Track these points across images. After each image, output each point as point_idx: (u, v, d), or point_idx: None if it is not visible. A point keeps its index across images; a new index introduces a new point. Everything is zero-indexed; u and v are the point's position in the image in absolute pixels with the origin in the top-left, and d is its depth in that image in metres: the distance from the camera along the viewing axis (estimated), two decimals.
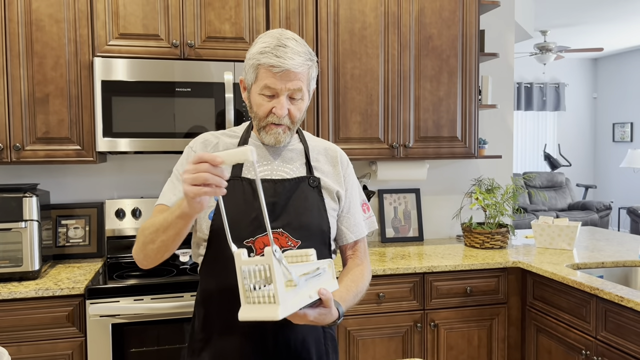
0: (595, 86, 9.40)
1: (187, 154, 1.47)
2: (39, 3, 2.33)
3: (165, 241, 1.25)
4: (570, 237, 2.79)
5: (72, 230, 2.66)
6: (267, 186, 1.38)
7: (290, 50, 1.33)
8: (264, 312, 1.09)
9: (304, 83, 1.36)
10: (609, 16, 6.42)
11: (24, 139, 2.35)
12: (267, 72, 1.33)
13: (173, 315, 2.17)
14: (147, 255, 1.31)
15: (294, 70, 1.33)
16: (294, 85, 1.34)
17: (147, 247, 1.29)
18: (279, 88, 1.33)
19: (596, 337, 2.13)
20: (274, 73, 1.32)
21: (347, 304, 1.36)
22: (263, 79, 1.34)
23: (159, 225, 1.25)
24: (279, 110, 1.34)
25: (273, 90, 1.34)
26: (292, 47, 1.33)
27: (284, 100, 1.34)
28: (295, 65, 1.32)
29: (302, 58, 1.34)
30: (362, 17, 2.69)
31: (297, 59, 1.33)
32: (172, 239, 1.24)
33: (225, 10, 2.51)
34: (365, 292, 1.48)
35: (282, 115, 1.35)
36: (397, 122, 2.77)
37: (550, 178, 8.15)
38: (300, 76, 1.35)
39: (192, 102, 2.43)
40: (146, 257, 1.32)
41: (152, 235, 1.27)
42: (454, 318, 2.54)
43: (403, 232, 3.12)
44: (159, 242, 1.26)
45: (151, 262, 1.34)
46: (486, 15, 3.23)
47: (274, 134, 1.39)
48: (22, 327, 2.10)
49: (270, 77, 1.33)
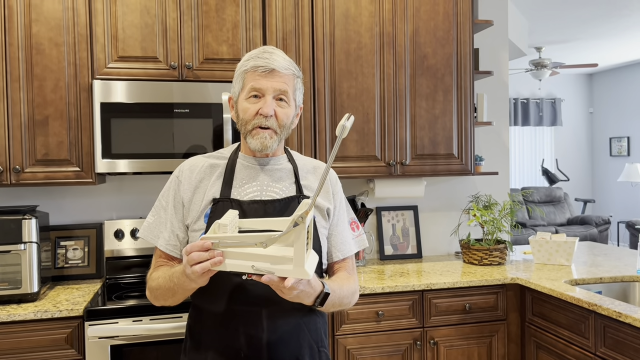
0: (591, 101, 9.47)
1: (172, 183, 1.48)
2: (39, 27, 2.37)
3: (178, 299, 1.38)
4: (568, 252, 2.79)
5: (71, 252, 2.67)
6: (257, 207, 1.39)
7: (274, 54, 1.40)
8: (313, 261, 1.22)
9: (289, 87, 1.40)
10: (603, 32, 6.50)
11: (24, 161, 2.36)
12: (253, 74, 1.38)
13: (172, 336, 2.17)
14: (166, 304, 1.43)
15: (279, 70, 1.38)
16: (280, 85, 1.38)
17: (159, 301, 1.43)
18: (265, 87, 1.37)
19: (595, 353, 2.13)
20: (260, 73, 1.37)
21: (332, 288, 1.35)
22: (249, 82, 1.39)
23: (167, 288, 1.35)
24: (265, 108, 1.37)
25: (259, 90, 1.38)
26: (277, 54, 1.41)
27: (269, 99, 1.38)
28: (280, 66, 1.38)
29: (287, 62, 1.41)
30: (357, 38, 2.73)
31: (283, 62, 1.39)
32: (183, 297, 1.37)
33: (222, 32, 2.55)
34: (352, 300, 1.48)
35: (268, 114, 1.37)
36: (394, 140, 2.79)
37: (549, 193, 8.17)
38: (286, 79, 1.39)
39: (191, 122, 2.46)
40: (162, 306, 1.46)
41: (165, 296, 1.39)
42: (454, 335, 2.53)
43: (401, 250, 3.12)
44: (170, 300, 1.39)
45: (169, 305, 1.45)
46: (480, 34, 3.28)
47: (261, 138, 1.40)
48: (21, 350, 2.09)
49: (256, 78, 1.38)
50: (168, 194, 1.48)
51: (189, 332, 1.47)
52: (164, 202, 1.48)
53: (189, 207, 1.44)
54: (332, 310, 1.47)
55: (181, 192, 1.45)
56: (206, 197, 1.42)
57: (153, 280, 1.42)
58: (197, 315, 1.44)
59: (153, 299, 1.44)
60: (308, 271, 1.13)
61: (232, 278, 1.34)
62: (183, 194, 1.45)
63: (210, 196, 1.42)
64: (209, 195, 1.42)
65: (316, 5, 2.68)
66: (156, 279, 1.40)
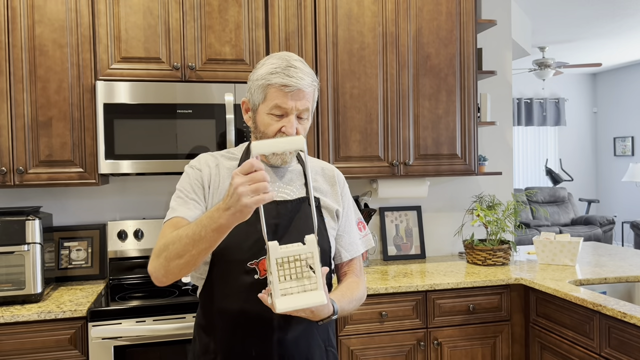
0: (595, 101, 9.44)
1: (190, 172, 1.46)
2: (42, 28, 2.37)
3: (194, 255, 1.21)
4: (573, 252, 2.78)
5: (75, 252, 2.67)
6: (270, 207, 1.39)
7: (300, 71, 1.36)
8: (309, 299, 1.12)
9: (310, 103, 1.40)
10: (607, 32, 6.48)
11: (27, 162, 2.37)
12: (279, 91, 1.35)
13: (175, 336, 2.17)
14: (170, 271, 1.26)
15: (305, 89, 1.36)
16: (303, 105, 1.37)
17: (172, 263, 1.25)
18: (290, 107, 1.36)
19: (600, 353, 2.12)
20: (286, 92, 1.35)
21: (342, 306, 1.36)
22: (273, 99, 1.36)
23: (188, 239, 1.21)
24: (289, 129, 1.36)
25: (283, 109, 1.36)
26: (302, 68, 1.37)
27: (293, 119, 1.37)
28: (305, 85, 1.36)
29: (310, 79, 1.39)
30: (360, 38, 2.73)
31: (307, 79, 1.37)
32: (203, 252, 1.21)
33: (225, 32, 2.55)
34: (360, 304, 1.49)
35: (291, 134, 1.37)
36: (397, 140, 2.79)
37: (553, 193, 8.14)
38: (308, 96, 1.38)
39: (194, 123, 2.46)
40: (168, 274, 1.27)
41: (180, 249, 1.22)
42: (457, 336, 2.53)
43: (405, 250, 3.12)
44: (187, 256, 1.22)
45: (172, 278, 1.29)
46: (483, 33, 3.27)
47: (282, 156, 1.41)
48: (25, 351, 2.09)
49: (282, 97, 1.35)
50: (189, 180, 1.44)
51: (198, 332, 1.47)
52: (183, 188, 1.43)
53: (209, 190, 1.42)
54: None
55: (203, 176, 1.43)
56: (219, 195, 1.42)
57: (166, 240, 1.27)
58: (207, 315, 1.44)
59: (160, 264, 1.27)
60: (277, 306, 1.11)
61: (243, 278, 1.34)
62: (204, 179, 1.43)
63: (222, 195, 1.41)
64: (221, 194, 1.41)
65: (319, 5, 2.67)
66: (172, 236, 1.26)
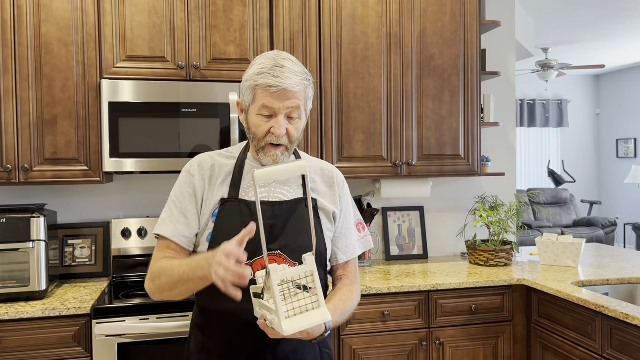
0: (597, 102, 9.43)
1: (183, 180, 1.47)
2: (48, 27, 2.38)
3: (184, 291, 1.32)
4: (575, 254, 2.79)
5: (79, 250, 2.68)
6: (265, 208, 1.39)
7: (287, 70, 1.35)
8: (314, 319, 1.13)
9: (301, 102, 1.38)
10: (610, 33, 6.47)
11: (32, 160, 2.38)
12: (265, 92, 1.34)
13: (178, 334, 2.18)
14: (164, 297, 1.38)
15: (291, 89, 1.34)
16: (292, 103, 1.35)
17: (165, 293, 1.36)
18: (277, 107, 1.35)
19: (602, 354, 2.13)
20: (272, 93, 1.34)
21: (335, 320, 1.36)
22: (261, 99, 1.35)
23: (177, 277, 1.30)
24: (277, 129, 1.36)
25: (271, 109, 1.35)
26: (289, 67, 1.36)
27: (282, 119, 1.36)
28: (292, 85, 1.34)
29: (299, 78, 1.36)
30: (364, 38, 2.73)
31: (294, 79, 1.35)
32: (192, 290, 1.32)
33: (230, 32, 2.56)
34: (353, 311, 1.49)
35: (280, 135, 1.36)
36: (400, 140, 2.79)
37: (555, 194, 8.14)
38: (298, 95, 1.36)
39: (198, 122, 2.47)
40: (162, 298, 1.39)
41: (171, 284, 1.32)
42: (460, 336, 2.53)
43: (407, 250, 3.12)
44: (177, 291, 1.33)
45: (168, 300, 1.41)
46: (487, 34, 3.28)
47: (272, 156, 1.40)
48: (29, 347, 2.11)
49: (268, 97, 1.34)
50: (180, 189, 1.47)
51: (194, 330, 1.48)
52: (175, 198, 1.46)
53: (201, 202, 1.44)
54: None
55: (195, 184, 1.45)
56: (214, 197, 1.43)
57: (160, 268, 1.36)
58: (202, 315, 1.45)
59: (155, 289, 1.38)
60: (285, 329, 1.11)
61: None
62: (197, 186, 1.44)
63: (219, 196, 1.42)
64: (217, 195, 1.42)
65: (323, 6, 2.68)
66: (166, 267, 1.35)
